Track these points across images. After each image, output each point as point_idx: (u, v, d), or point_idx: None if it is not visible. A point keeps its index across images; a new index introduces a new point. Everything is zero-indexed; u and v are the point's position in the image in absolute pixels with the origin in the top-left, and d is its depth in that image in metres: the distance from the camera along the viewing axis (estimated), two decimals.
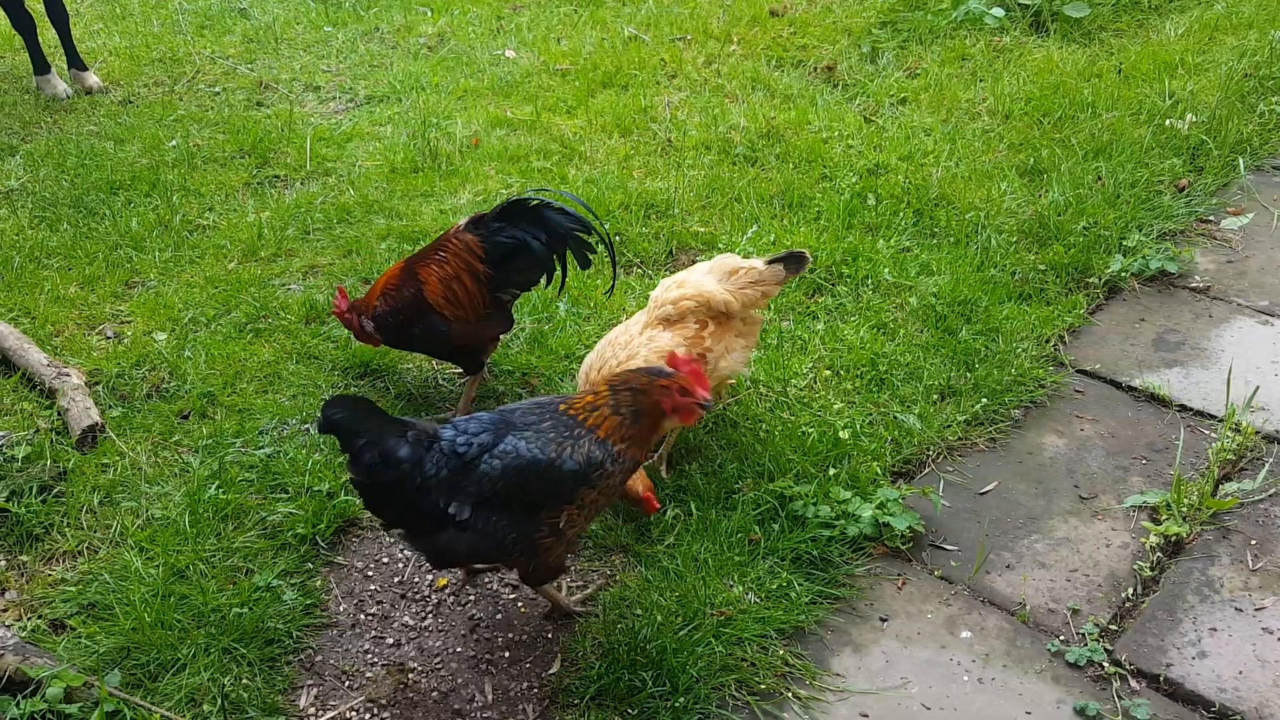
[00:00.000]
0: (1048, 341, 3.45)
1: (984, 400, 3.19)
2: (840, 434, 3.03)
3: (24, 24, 5.36)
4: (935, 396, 3.24)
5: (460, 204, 4.43)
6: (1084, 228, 3.91)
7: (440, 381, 3.51)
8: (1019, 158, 4.44)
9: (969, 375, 3.29)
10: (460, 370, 3.44)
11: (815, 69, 5.40)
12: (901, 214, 4.12)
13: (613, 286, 3.42)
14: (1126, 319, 3.58)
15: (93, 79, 5.57)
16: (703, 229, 4.16)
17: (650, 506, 2.72)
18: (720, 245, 4.02)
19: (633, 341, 2.90)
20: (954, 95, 4.96)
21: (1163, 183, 4.19)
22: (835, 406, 3.21)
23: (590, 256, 3.18)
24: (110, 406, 3.35)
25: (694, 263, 3.95)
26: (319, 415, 2.32)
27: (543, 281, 3.22)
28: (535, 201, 3.08)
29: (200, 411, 3.34)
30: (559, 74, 5.54)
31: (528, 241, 3.07)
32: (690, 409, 2.39)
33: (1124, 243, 3.84)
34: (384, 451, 2.26)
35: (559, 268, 3.18)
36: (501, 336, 3.34)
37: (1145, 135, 4.44)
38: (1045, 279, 3.72)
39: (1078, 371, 3.36)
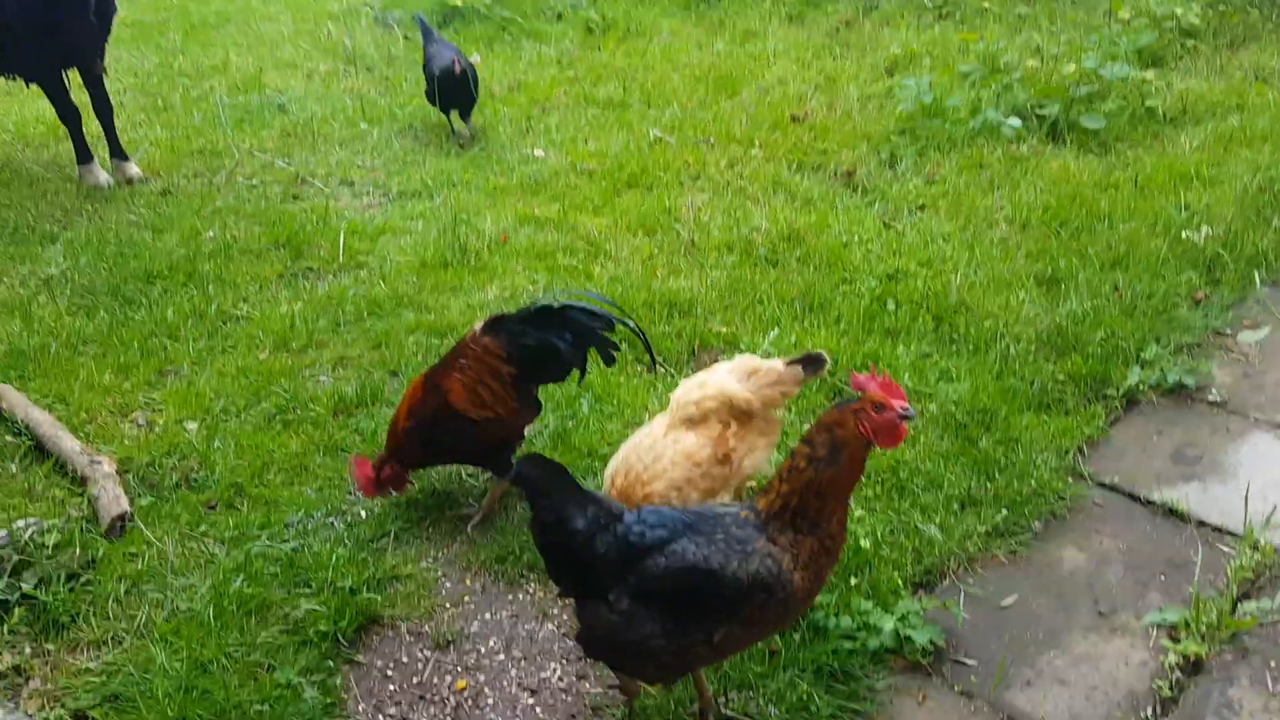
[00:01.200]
0: (1067, 453, 3.47)
1: (1004, 511, 3.20)
2: (861, 542, 3.04)
3: (70, 115, 5.56)
4: (956, 506, 3.26)
5: (488, 299, 4.52)
6: (1102, 338, 3.96)
7: (464, 476, 3.56)
8: (1037, 266, 4.51)
9: (989, 485, 3.31)
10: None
11: (835, 174, 5.53)
12: (921, 320, 4.19)
13: (653, 363, 3.41)
14: (1145, 432, 3.61)
15: (133, 169, 5.75)
16: (724, 329, 4.23)
17: None
18: (742, 346, 4.08)
19: (657, 444, 2.95)
20: (972, 202, 5.07)
21: (1179, 295, 4.24)
22: (856, 513, 3.22)
23: (614, 354, 3.25)
24: (140, 495, 3.41)
25: (715, 362, 4.03)
26: (517, 466, 2.42)
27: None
28: (559, 304, 3.15)
29: (227, 502, 3.39)
30: (586, 174, 5.69)
31: (554, 344, 3.14)
32: (893, 426, 2.24)
33: (1141, 355, 3.89)
34: (561, 517, 2.32)
35: (583, 366, 3.24)
36: (527, 431, 3.39)
37: (1161, 247, 4.51)
38: (1064, 389, 3.76)
39: (1097, 484, 3.38)
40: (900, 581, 2.94)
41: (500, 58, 7.54)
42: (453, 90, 5.95)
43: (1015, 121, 5.67)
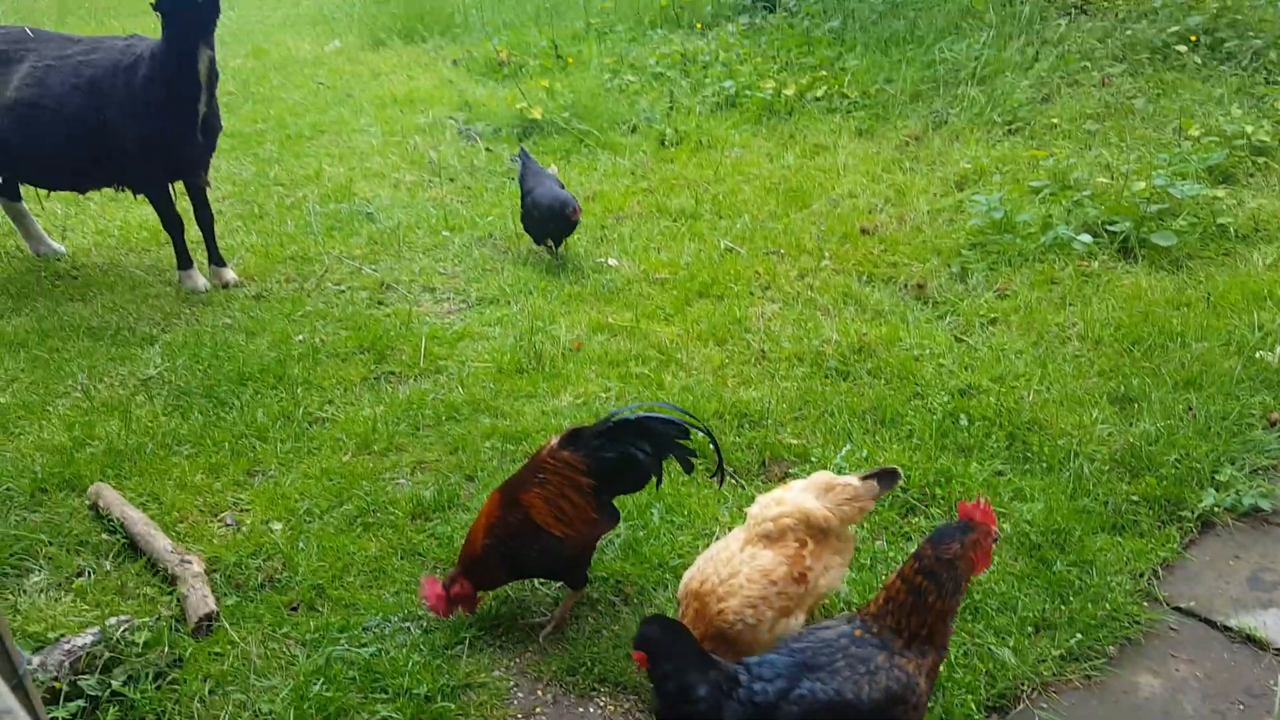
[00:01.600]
0: (1142, 575, 3.43)
1: (1079, 635, 3.17)
2: None
3: (174, 224, 5.89)
4: (1030, 629, 3.23)
5: (561, 406, 4.64)
6: (1176, 459, 3.93)
7: (535, 585, 3.62)
8: (1110, 385, 4.51)
9: (1064, 608, 3.29)
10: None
11: (906, 286, 5.61)
12: (994, 436, 4.20)
13: (720, 476, 3.45)
14: (1220, 555, 3.56)
15: (230, 274, 6.05)
16: (795, 441, 4.28)
17: None
18: (813, 458, 4.13)
19: (734, 559, 2.99)
20: (1044, 318, 5.09)
21: (1254, 416, 4.20)
22: None
23: (693, 461, 3.32)
24: (226, 595, 3.53)
25: (786, 475, 4.08)
26: (639, 628, 2.46)
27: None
28: (636, 416, 3.24)
29: (309, 604, 3.49)
30: (658, 283, 5.84)
31: (633, 454, 3.22)
32: (988, 549, 2.50)
33: (1216, 476, 3.85)
34: (683, 686, 2.35)
35: (660, 475, 3.31)
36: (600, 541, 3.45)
37: (1235, 367, 4.48)
38: (1138, 510, 3.73)
39: (1172, 608, 3.33)
40: (974, 705, 2.92)
41: (576, 168, 7.80)
42: (563, 229, 6.12)
43: (1086, 237, 5.71)
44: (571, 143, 8.26)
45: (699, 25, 11.34)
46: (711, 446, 3.32)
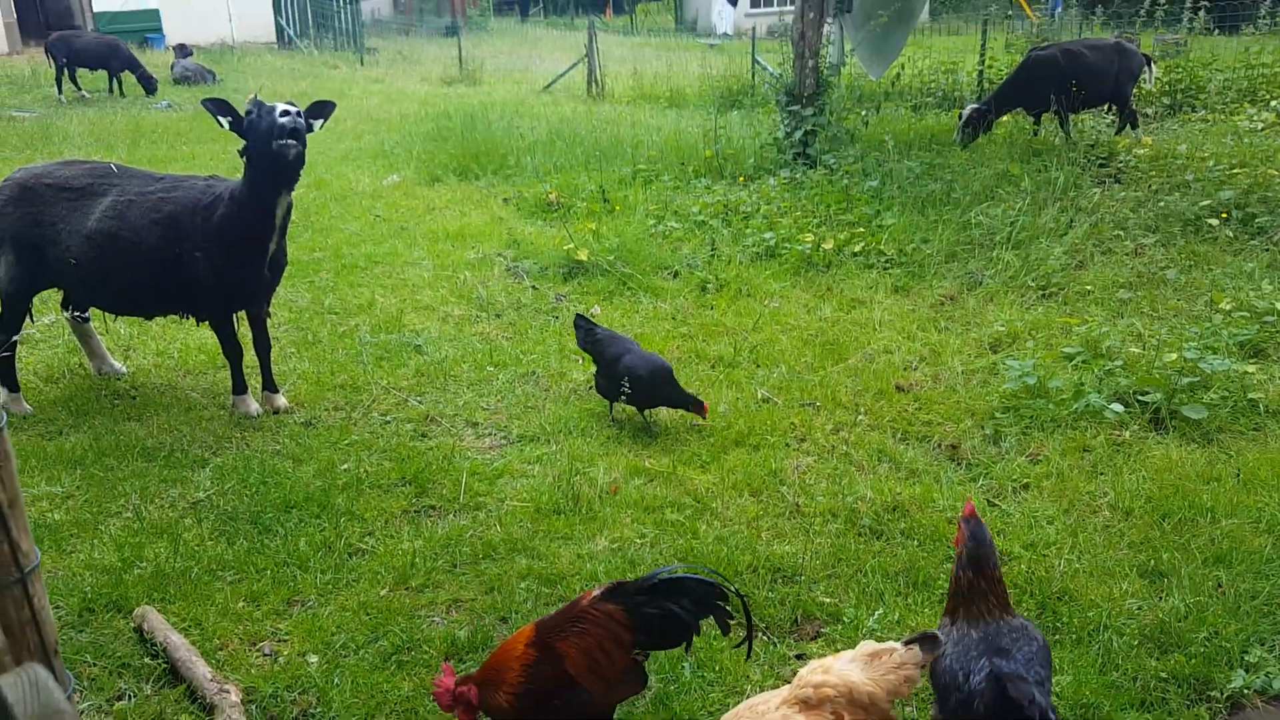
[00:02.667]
0: None
1: None
2: None
3: (234, 352, 6.14)
4: None
5: (597, 550, 4.72)
6: (1205, 637, 3.94)
7: None
8: (1140, 557, 4.54)
9: None
10: None
11: (939, 445, 5.70)
12: (1025, 605, 4.23)
13: (749, 648, 3.51)
14: None
15: (281, 401, 6.26)
16: (828, 599, 4.33)
17: None
18: (845, 619, 4.17)
19: (768, 715, 3.00)
20: (1075, 486, 5.16)
21: None
22: None
23: (730, 623, 3.38)
24: None
25: (818, 634, 4.12)
26: None
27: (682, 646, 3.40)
28: (679, 575, 3.33)
29: None
30: (695, 429, 5.97)
31: (677, 612, 3.29)
32: None
33: (1245, 657, 3.85)
34: None
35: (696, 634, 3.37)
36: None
37: (1265, 545, 4.51)
38: (1167, 688, 3.73)
39: None
40: None
41: (619, 309, 8.05)
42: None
43: (1118, 407, 5.81)
44: (615, 285, 8.54)
45: (741, 178, 11.78)
46: (745, 613, 3.38)
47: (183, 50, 24.19)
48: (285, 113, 5.51)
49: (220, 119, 5.66)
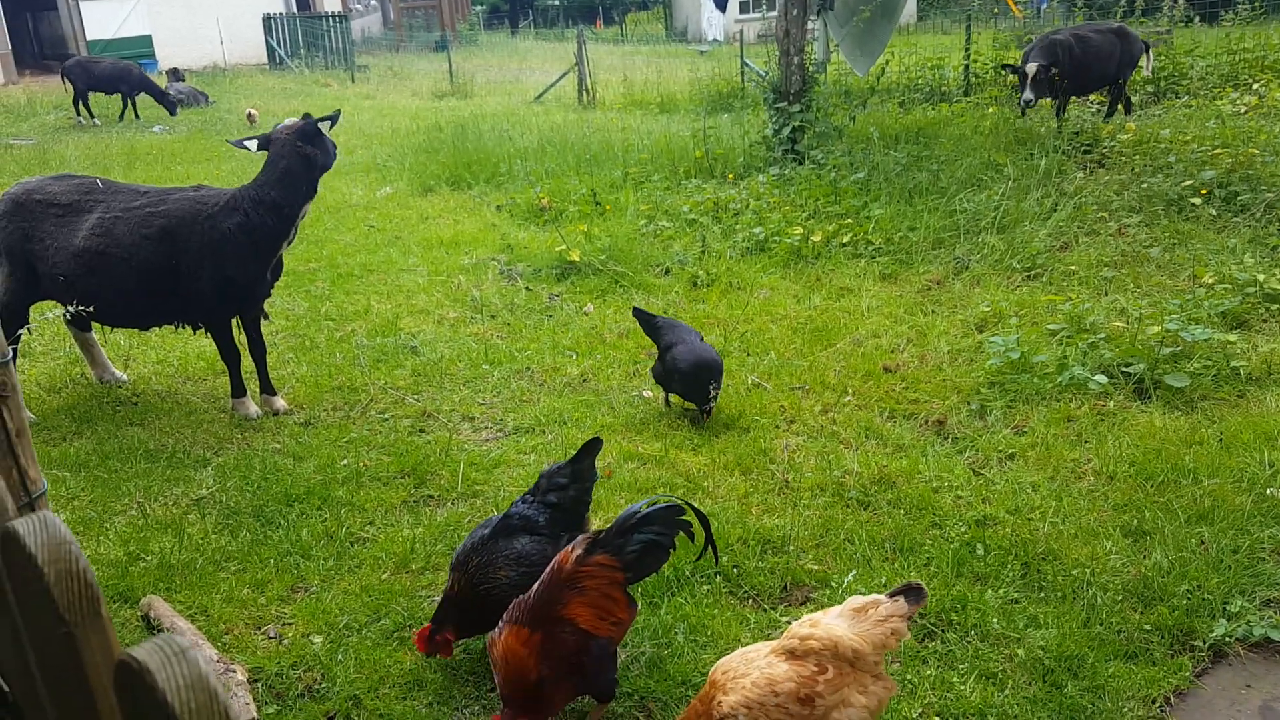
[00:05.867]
0: (1154, 702, 3.52)
1: None
2: None
3: (232, 356, 6.25)
4: None
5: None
6: (1187, 590, 4.04)
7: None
8: (1123, 518, 4.64)
9: None
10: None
11: (926, 422, 5.81)
12: (1009, 566, 4.33)
13: (715, 554, 3.75)
14: (1233, 684, 3.63)
15: (280, 403, 6.37)
16: (816, 567, 4.43)
17: None
18: (832, 584, 4.27)
19: (755, 661, 3.07)
20: (1060, 454, 5.26)
21: (1264, 550, 4.31)
22: None
23: (693, 532, 3.61)
24: (266, 703, 3.69)
25: (807, 599, 4.22)
26: None
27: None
28: (645, 511, 3.52)
29: (346, 714, 3.64)
30: (687, 415, 6.08)
31: (654, 539, 3.50)
32: None
33: (1227, 607, 3.94)
34: None
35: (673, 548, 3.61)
36: (622, 655, 3.61)
37: (1246, 503, 4.61)
38: (1150, 639, 3.83)
39: None
40: None
41: (611, 306, 8.17)
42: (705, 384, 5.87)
43: (1101, 378, 5.91)
44: (607, 283, 8.66)
45: (731, 176, 11.92)
46: (703, 527, 3.62)
47: (175, 75, 24.45)
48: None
49: (247, 145, 6.01)
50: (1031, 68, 11.61)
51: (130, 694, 0.93)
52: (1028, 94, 11.72)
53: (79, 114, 20.43)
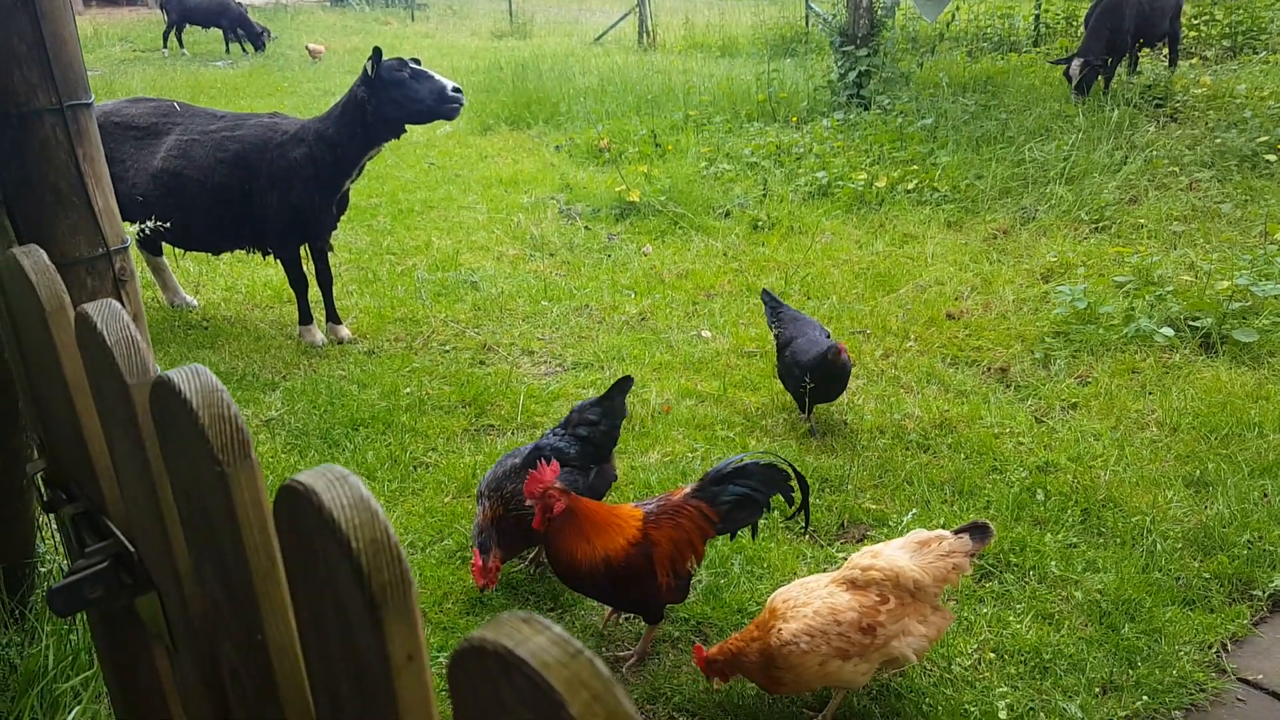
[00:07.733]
0: (1210, 647, 3.52)
1: (1145, 698, 3.27)
2: (1000, 715, 3.16)
3: (299, 283, 6.37)
4: (1098, 690, 3.34)
5: (649, 462, 4.89)
6: (1248, 541, 4.02)
7: (621, 620, 3.84)
8: (1186, 469, 4.60)
9: (1131, 672, 3.39)
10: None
11: (989, 369, 5.77)
12: (1069, 511, 4.33)
13: (806, 517, 3.70)
14: None
15: (345, 332, 6.49)
16: (874, 506, 4.46)
17: None
18: (890, 523, 4.30)
19: (815, 591, 3.14)
20: (1123, 405, 5.21)
21: None
22: (999, 689, 3.34)
23: (794, 496, 3.60)
24: None
25: (864, 537, 4.26)
26: None
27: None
28: (741, 463, 3.54)
29: None
30: (746, 355, 6.10)
31: (753, 495, 3.51)
32: None
33: None
34: None
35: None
36: None
37: None
38: (1209, 587, 3.82)
39: (1240, 680, 3.41)
40: None
41: (671, 248, 8.17)
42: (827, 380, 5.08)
43: (1168, 331, 5.83)
44: (667, 224, 8.65)
45: (794, 119, 11.78)
46: (802, 492, 3.58)
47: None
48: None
49: (370, 65, 5.85)
50: (1075, 70, 11.08)
51: (294, 518, 1.00)
52: (1075, 95, 11.32)
53: (166, 45, 20.58)
